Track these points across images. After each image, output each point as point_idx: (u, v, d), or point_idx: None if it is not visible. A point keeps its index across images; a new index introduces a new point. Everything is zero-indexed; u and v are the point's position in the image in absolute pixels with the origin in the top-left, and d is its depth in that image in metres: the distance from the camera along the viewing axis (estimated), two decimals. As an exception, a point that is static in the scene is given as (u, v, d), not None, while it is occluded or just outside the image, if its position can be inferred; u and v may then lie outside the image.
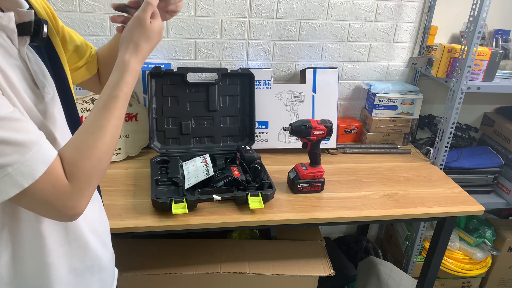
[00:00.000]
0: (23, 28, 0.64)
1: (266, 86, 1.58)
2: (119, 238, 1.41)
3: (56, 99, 0.72)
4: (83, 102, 1.41)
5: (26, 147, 0.57)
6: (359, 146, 1.69)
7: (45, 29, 0.66)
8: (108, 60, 0.95)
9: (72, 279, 0.76)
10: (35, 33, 0.65)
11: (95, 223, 0.81)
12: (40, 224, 0.69)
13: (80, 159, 0.64)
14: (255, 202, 1.20)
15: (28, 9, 0.65)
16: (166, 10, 0.85)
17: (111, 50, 0.94)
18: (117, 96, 0.70)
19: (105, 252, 0.84)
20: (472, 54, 1.42)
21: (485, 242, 1.88)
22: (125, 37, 0.76)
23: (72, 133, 0.74)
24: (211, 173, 1.28)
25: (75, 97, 0.82)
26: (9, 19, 0.62)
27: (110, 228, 1.01)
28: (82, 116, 1.37)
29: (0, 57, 0.60)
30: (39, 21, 0.65)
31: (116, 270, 0.94)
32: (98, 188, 0.88)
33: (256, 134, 1.58)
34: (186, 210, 1.14)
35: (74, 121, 0.79)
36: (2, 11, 0.63)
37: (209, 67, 1.64)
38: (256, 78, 1.53)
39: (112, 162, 1.45)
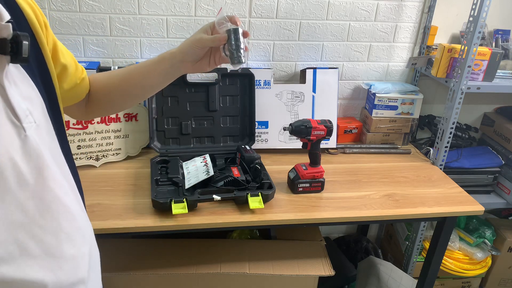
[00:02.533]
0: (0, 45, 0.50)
1: (266, 86, 1.58)
2: (119, 238, 1.42)
3: (42, 126, 0.58)
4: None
5: None
6: (359, 146, 1.69)
7: (24, 47, 0.51)
8: (115, 89, 0.87)
9: None
10: (14, 52, 0.51)
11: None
12: None
13: None
14: (255, 202, 1.20)
15: (7, 21, 0.51)
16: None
17: (124, 80, 0.86)
18: None
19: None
20: (472, 54, 1.42)
21: (485, 242, 1.88)
22: None
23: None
24: (211, 173, 1.28)
25: (64, 121, 0.70)
26: None
27: (110, 228, 1.00)
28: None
29: None
30: (17, 37, 0.51)
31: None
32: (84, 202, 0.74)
33: (256, 134, 1.58)
34: (186, 210, 1.14)
35: (65, 147, 0.66)
36: None
37: (209, 67, 1.64)
38: (256, 78, 1.53)
39: (112, 162, 1.45)
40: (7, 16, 0.51)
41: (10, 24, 0.51)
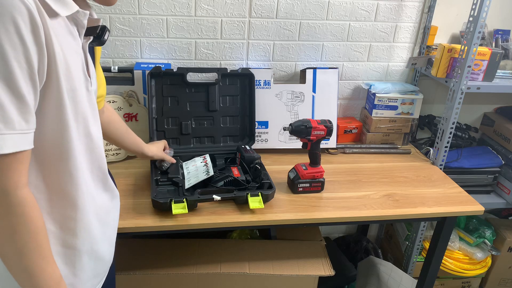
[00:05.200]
0: (90, 30, 0.77)
1: (266, 86, 1.58)
2: (119, 238, 1.42)
3: (94, 94, 0.81)
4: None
5: (10, 123, 0.60)
6: (359, 146, 1.69)
7: (106, 36, 0.80)
8: (115, 136, 1.19)
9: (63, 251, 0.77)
10: (98, 36, 0.79)
11: (101, 212, 0.84)
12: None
13: (29, 218, 0.66)
14: (255, 202, 1.20)
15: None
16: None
17: (124, 142, 1.23)
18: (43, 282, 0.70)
19: (104, 243, 0.86)
20: (472, 54, 1.42)
21: (485, 242, 1.88)
22: None
23: None
24: (211, 173, 1.28)
25: None
26: (84, 16, 0.72)
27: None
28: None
29: (67, 43, 0.69)
30: (104, 28, 0.80)
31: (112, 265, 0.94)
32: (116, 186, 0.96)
33: (256, 134, 1.58)
34: (186, 210, 1.14)
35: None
36: None
37: (209, 67, 1.64)
38: (256, 78, 1.53)
39: (112, 162, 1.45)
40: (95, 15, 0.80)
41: (101, 19, 0.80)
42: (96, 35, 0.78)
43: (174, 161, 1.35)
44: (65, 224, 0.75)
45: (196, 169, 1.32)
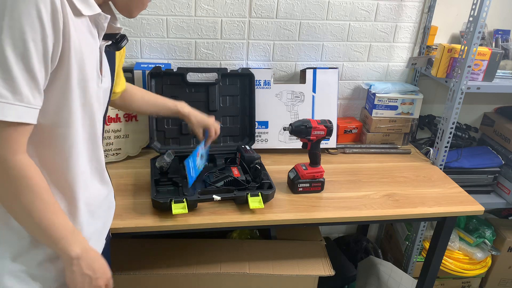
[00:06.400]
0: (110, 35, 0.84)
1: (266, 86, 1.58)
2: (119, 238, 1.42)
3: (108, 93, 0.88)
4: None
5: (20, 96, 0.65)
6: (359, 146, 1.69)
7: (123, 43, 0.87)
8: (143, 104, 1.24)
9: None
10: (116, 42, 0.86)
11: (93, 202, 0.87)
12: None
13: (30, 180, 0.70)
14: (255, 202, 1.20)
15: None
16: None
17: (153, 105, 1.26)
18: (60, 236, 0.75)
19: (92, 235, 0.87)
20: (472, 54, 1.42)
21: (485, 242, 1.88)
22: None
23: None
24: (205, 161, 1.31)
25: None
26: (106, 19, 0.78)
27: (111, 228, 1.01)
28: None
29: (86, 39, 0.74)
30: (123, 36, 0.87)
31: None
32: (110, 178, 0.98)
33: (256, 134, 1.58)
34: (186, 210, 1.14)
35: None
36: None
37: (209, 67, 1.64)
38: (256, 78, 1.53)
39: (112, 162, 1.45)
40: (119, 24, 0.86)
41: (122, 28, 0.87)
42: (114, 40, 0.85)
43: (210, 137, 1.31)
44: None
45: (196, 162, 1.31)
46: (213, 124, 1.29)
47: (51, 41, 0.66)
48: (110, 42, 0.85)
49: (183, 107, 1.26)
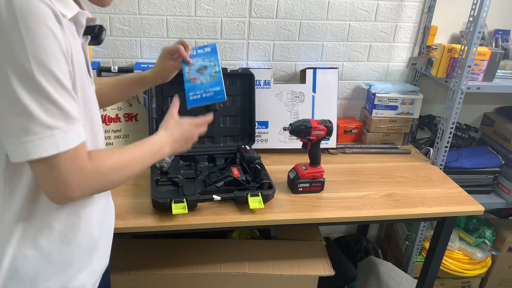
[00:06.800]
0: (88, 29, 0.78)
1: (266, 86, 1.58)
2: (119, 238, 1.42)
3: (94, 90, 0.84)
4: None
5: (71, 119, 0.66)
6: (359, 146, 1.69)
7: (103, 35, 0.81)
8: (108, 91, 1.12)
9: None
10: (95, 36, 0.80)
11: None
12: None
13: (108, 159, 0.74)
14: (255, 202, 1.20)
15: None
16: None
17: (118, 86, 1.13)
18: (150, 145, 0.87)
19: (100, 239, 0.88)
20: (472, 54, 1.42)
21: (485, 242, 1.88)
22: (161, 124, 0.98)
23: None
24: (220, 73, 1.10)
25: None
26: (84, 16, 0.74)
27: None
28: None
29: (72, 41, 0.70)
30: (101, 27, 0.81)
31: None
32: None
33: (256, 134, 1.58)
34: (186, 210, 1.14)
35: None
36: None
37: (209, 67, 1.64)
38: (256, 78, 1.53)
39: (112, 162, 1.45)
40: (86, 8, 0.78)
41: (96, 18, 0.80)
42: (93, 34, 0.80)
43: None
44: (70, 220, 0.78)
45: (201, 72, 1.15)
46: (178, 43, 1.13)
47: (68, 52, 0.66)
48: (89, 38, 0.81)
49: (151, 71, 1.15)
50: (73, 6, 0.70)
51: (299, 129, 1.28)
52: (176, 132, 0.96)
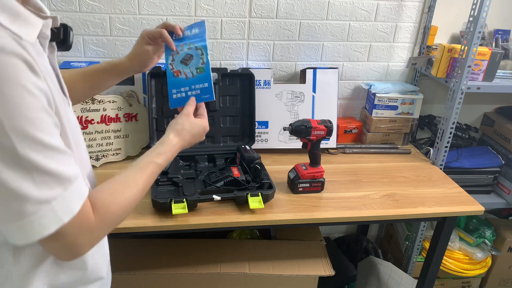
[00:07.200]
0: (52, 35, 0.63)
1: (266, 86, 1.58)
2: (119, 238, 1.42)
3: (71, 109, 0.73)
4: (83, 102, 1.41)
5: (68, 180, 0.57)
6: (359, 146, 1.69)
7: (71, 37, 0.68)
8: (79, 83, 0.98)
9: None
10: (62, 41, 0.67)
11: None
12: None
13: (113, 204, 0.67)
14: (255, 202, 1.20)
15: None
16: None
17: (86, 77, 0.99)
18: (157, 163, 0.80)
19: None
20: (472, 54, 1.42)
21: (485, 242, 1.88)
22: (174, 123, 0.92)
23: None
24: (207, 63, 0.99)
25: None
26: (48, 26, 0.60)
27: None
28: (82, 116, 1.37)
29: (43, 65, 0.56)
30: (66, 28, 0.66)
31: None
32: None
33: (256, 134, 1.58)
34: (186, 210, 1.14)
35: None
36: None
37: (209, 67, 1.64)
38: (256, 78, 1.53)
39: (112, 162, 1.45)
40: (47, 10, 0.63)
41: (57, 16, 0.64)
42: (59, 40, 0.66)
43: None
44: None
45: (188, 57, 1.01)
46: (161, 26, 1.01)
47: (47, 101, 0.56)
48: (54, 45, 0.67)
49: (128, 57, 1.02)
50: (35, 22, 0.57)
51: (299, 129, 1.28)
52: (187, 138, 0.92)
